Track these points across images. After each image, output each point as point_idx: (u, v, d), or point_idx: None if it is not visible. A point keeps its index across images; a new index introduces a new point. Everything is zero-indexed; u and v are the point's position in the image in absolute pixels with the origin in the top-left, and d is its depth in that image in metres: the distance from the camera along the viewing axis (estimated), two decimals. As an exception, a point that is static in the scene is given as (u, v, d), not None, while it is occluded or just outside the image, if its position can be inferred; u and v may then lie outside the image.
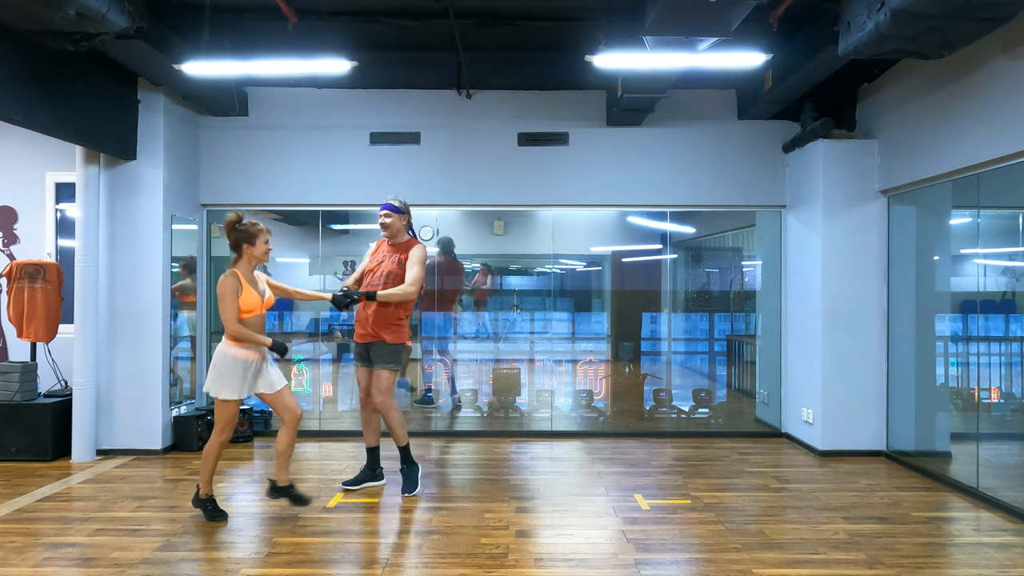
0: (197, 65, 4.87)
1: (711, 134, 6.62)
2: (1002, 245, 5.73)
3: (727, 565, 3.61)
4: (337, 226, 7.34)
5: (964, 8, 3.68)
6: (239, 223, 4.15)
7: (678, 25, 4.17)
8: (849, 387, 5.94)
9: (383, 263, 4.86)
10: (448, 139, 6.61)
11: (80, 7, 3.94)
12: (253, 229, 4.18)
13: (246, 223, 4.18)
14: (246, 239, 4.16)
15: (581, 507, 4.54)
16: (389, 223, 4.86)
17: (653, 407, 7.23)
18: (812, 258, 6.11)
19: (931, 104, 5.17)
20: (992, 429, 5.42)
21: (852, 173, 5.96)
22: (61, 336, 6.02)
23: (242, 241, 4.16)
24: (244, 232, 4.16)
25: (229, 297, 4.06)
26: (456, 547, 3.85)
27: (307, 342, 7.77)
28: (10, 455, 5.64)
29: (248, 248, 4.18)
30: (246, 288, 4.13)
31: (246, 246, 4.17)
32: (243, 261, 4.20)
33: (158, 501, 4.65)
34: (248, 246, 4.18)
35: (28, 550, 3.79)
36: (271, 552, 3.78)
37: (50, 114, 4.86)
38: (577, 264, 8.35)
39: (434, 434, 6.69)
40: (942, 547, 3.93)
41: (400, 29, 5.79)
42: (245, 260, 4.20)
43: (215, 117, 6.56)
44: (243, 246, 4.17)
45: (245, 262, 4.20)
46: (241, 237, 4.15)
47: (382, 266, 4.84)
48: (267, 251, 4.25)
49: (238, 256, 4.20)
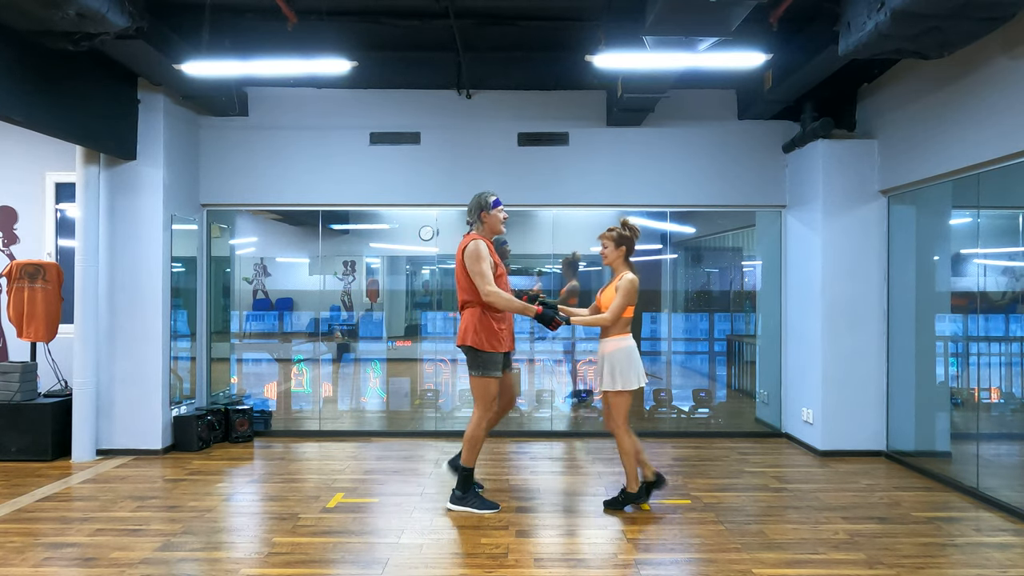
0: (197, 65, 4.87)
1: (711, 134, 6.62)
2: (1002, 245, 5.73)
3: (727, 565, 3.61)
4: (337, 226, 7.34)
5: (964, 8, 3.68)
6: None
7: (678, 25, 4.17)
8: (849, 387, 5.94)
9: (500, 265, 4.58)
10: (448, 139, 6.61)
11: (80, 7, 3.94)
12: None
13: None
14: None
15: (581, 507, 4.54)
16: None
17: (653, 407, 7.23)
18: (812, 258, 6.11)
19: (931, 104, 5.17)
20: (992, 429, 5.42)
21: (852, 173, 5.96)
22: (61, 336, 6.02)
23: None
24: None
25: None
26: (456, 547, 3.85)
27: (307, 342, 7.77)
28: (10, 455, 5.64)
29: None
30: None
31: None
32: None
33: (158, 501, 4.65)
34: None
35: (28, 550, 3.79)
36: (271, 552, 3.78)
37: (50, 114, 4.86)
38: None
39: (433, 434, 6.69)
40: (942, 547, 3.93)
41: (400, 29, 5.79)
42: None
43: (215, 117, 6.56)
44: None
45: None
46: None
47: (501, 268, 4.59)
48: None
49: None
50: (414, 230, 7.10)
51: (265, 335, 8.31)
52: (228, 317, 7.47)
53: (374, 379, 7.93)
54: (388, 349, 8.34)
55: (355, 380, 7.96)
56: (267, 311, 8.36)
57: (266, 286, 8.29)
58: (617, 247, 4.50)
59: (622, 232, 4.50)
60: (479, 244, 4.39)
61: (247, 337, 8.09)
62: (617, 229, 4.50)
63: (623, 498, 4.47)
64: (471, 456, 4.48)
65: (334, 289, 8.34)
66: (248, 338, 8.10)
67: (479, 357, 4.40)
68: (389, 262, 8.83)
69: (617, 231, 4.50)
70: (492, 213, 4.55)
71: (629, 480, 4.46)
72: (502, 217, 4.59)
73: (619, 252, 4.50)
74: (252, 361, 7.89)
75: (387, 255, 8.65)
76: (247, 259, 7.93)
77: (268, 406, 6.97)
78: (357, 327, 8.52)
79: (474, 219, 4.58)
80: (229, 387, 7.14)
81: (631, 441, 4.40)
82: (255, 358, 7.94)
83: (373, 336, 8.46)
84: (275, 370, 7.83)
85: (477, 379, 4.43)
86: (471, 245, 4.39)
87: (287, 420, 7.13)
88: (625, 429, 4.39)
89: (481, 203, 4.54)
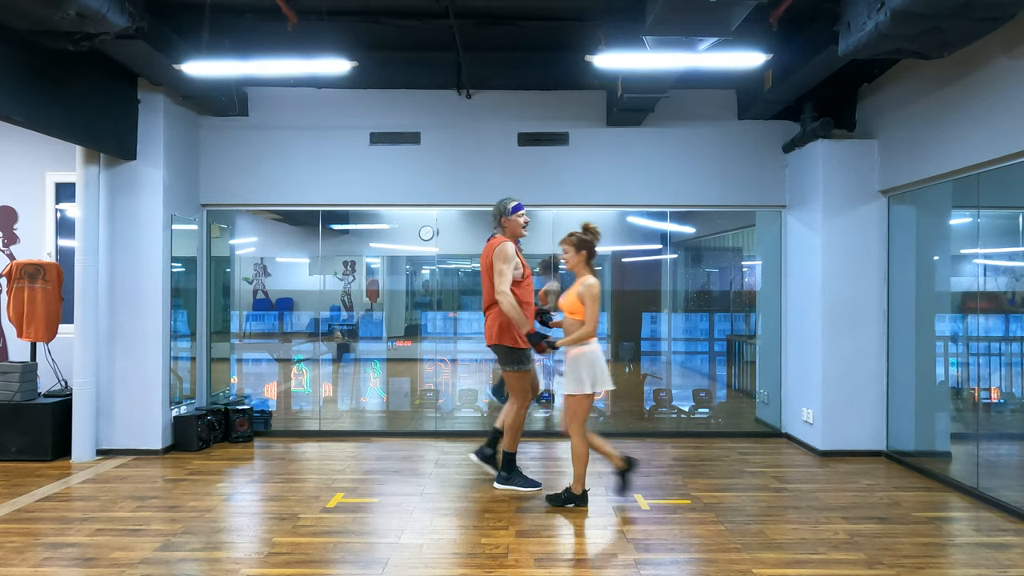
0: (197, 65, 4.87)
1: (711, 134, 6.62)
2: (1002, 245, 5.73)
3: (727, 565, 3.61)
4: (337, 226, 7.34)
5: (964, 8, 3.68)
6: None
7: (678, 25, 4.17)
8: (849, 387, 5.94)
9: (526, 267, 4.92)
10: (448, 139, 6.61)
11: (80, 7, 3.94)
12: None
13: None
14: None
15: (581, 507, 4.53)
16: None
17: (653, 407, 7.23)
18: (812, 258, 6.11)
19: (931, 104, 5.17)
20: (992, 429, 5.42)
21: (852, 173, 5.96)
22: (61, 336, 6.02)
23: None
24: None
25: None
26: (456, 547, 3.85)
27: (307, 342, 7.77)
28: (10, 455, 5.64)
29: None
30: None
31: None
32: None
33: (158, 501, 4.65)
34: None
35: (28, 550, 3.79)
36: (271, 552, 3.78)
37: (50, 114, 4.86)
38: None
39: (433, 434, 6.69)
40: (942, 547, 3.93)
41: (400, 29, 5.79)
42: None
43: (215, 117, 6.56)
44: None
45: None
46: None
47: (527, 270, 4.93)
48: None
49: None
50: (414, 230, 7.10)
51: (265, 335, 8.32)
52: (228, 317, 7.47)
53: (374, 379, 7.94)
54: (388, 349, 8.35)
55: (355, 380, 7.96)
56: (267, 311, 8.36)
57: (266, 286, 8.29)
58: (578, 251, 4.52)
59: (582, 236, 4.53)
60: (507, 245, 4.69)
61: (247, 337, 8.10)
62: (577, 233, 4.55)
63: (565, 496, 4.52)
64: (513, 442, 4.87)
65: (334, 289, 8.35)
66: (248, 338, 8.11)
67: (513, 354, 4.74)
68: (389, 262, 8.84)
69: (577, 235, 4.54)
70: (511, 218, 4.86)
71: (575, 481, 4.52)
72: (522, 222, 4.89)
73: (580, 256, 4.53)
74: (252, 361, 7.89)
75: (387, 255, 8.66)
76: (247, 259, 7.93)
77: (268, 406, 6.97)
78: (357, 327, 8.52)
79: (496, 224, 4.88)
80: (229, 387, 7.14)
81: (585, 446, 4.47)
82: (255, 358, 7.95)
83: (373, 336, 8.47)
84: (275, 370, 7.83)
85: (512, 374, 4.80)
86: (501, 245, 4.68)
87: (287, 420, 7.13)
88: (581, 433, 4.46)
89: (501, 209, 4.87)
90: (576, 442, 4.47)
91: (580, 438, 4.46)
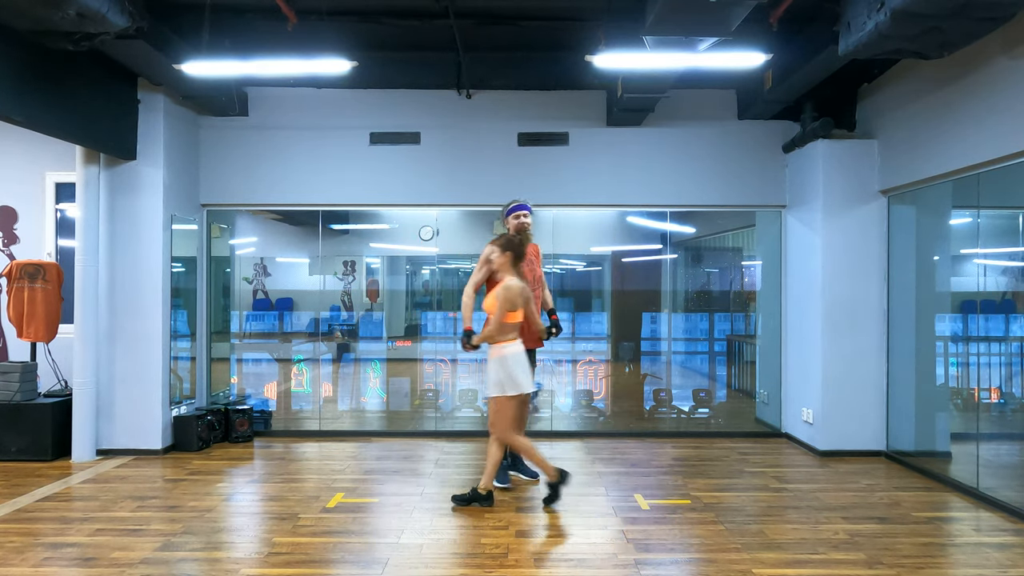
0: (197, 65, 4.87)
1: (711, 134, 6.62)
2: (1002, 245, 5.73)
3: (727, 565, 3.61)
4: (337, 226, 7.34)
5: (964, 8, 3.68)
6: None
7: (678, 25, 4.17)
8: (849, 387, 5.94)
9: (538, 268, 5.04)
10: (448, 139, 6.61)
11: (80, 7, 3.94)
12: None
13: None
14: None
15: (581, 507, 4.53)
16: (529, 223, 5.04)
17: (653, 407, 7.23)
18: (812, 258, 6.11)
19: (931, 104, 5.17)
20: (992, 429, 5.42)
21: (852, 173, 5.96)
22: (61, 336, 6.02)
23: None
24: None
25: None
26: (456, 547, 3.85)
27: (307, 342, 7.77)
28: (10, 455, 5.64)
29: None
30: None
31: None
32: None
33: (158, 501, 4.65)
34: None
35: (28, 550, 3.79)
36: (271, 552, 3.78)
37: (50, 114, 4.86)
38: (577, 264, 8.35)
39: (433, 434, 6.69)
40: (942, 547, 3.93)
41: (400, 29, 5.79)
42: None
43: (215, 117, 6.56)
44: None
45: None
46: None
47: (539, 272, 5.05)
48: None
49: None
50: (414, 230, 7.10)
51: (265, 335, 8.32)
52: (228, 317, 7.47)
53: (374, 379, 7.93)
54: (388, 349, 8.34)
55: (355, 380, 7.96)
56: (267, 311, 8.36)
57: (266, 286, 8.29)
58: (503, 252, 4.53)
59: (510, 238, 4.56)
60: (489, 247, 4.76)
61: (247, 337, 8.10)
62: (506, 235, 4.61)
63: (471, 495, 4.53)
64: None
65: (334, 289, 8.35)
66: (248, 338, 8.10)
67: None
68: (389, 262, 8.84)
69: (505, 237, 4.59)
70: (507, 219, 4.99)
71: (484, 479, 4.53)
72: (515, 223, 4.96)
73: (505, 257, 4.52)
74: (252, 361, 7.89)
75: (387, 255, 8.66)
76: (247, 259, 7.93)
77: (268, 406, 6.97)
78: (357, 327, 8.52)
79: (503, 226, 5.04)
80: (229, 387, 7.14)
81: (500, 450, 4.53)
82: (255, 358, 7.94)
83: (373, 336, 8.47)
84: (275, 370, 7.83)
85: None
86: (485, 248, 4.80)
87: (287, 420, 7.13)
88: (502, 439, 4.47)
89: (503, 211, 5.04)
90: (493, 445, 4.52)
91: (498, 442, 4.49)
